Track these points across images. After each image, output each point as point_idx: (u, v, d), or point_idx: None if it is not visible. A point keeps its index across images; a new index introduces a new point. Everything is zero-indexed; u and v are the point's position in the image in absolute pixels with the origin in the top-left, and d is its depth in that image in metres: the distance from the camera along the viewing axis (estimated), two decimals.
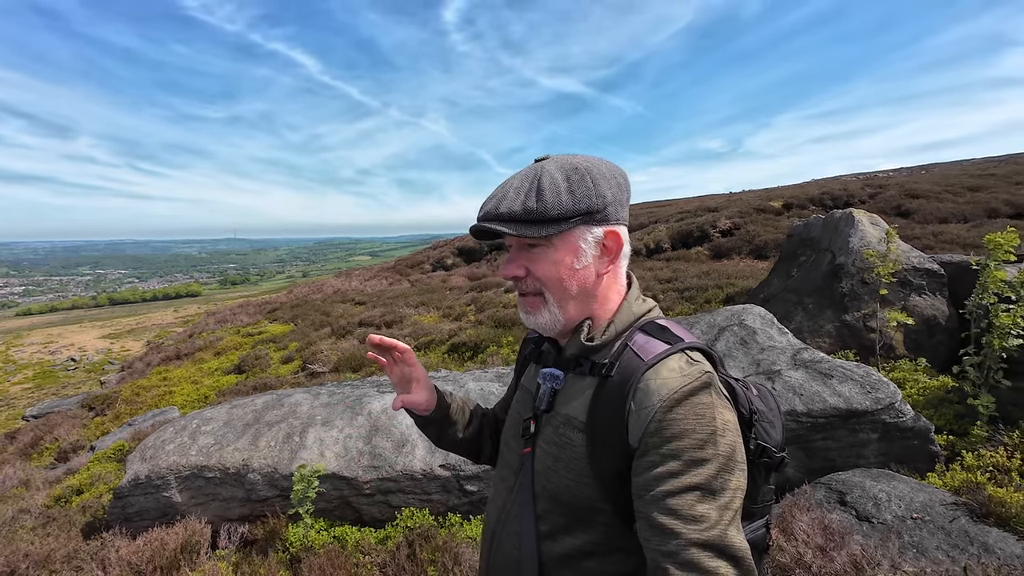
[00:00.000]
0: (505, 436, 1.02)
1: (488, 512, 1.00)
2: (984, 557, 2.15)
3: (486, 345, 7.57)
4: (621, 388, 0.78)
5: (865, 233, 5.62)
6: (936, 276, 5.15)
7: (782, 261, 7.08)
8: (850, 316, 5.22)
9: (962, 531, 2.33)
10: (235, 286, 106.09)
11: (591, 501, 0.80)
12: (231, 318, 16.20)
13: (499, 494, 0.97)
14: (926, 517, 2.46)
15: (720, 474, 0.71)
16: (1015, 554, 2.15)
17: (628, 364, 0.79)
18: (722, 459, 0.72)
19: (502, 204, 0.81)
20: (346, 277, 24.35)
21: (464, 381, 4.25)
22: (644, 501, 0.73)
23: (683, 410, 0.73)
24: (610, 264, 0.85)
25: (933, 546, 2.28)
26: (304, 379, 7.87)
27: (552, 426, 0.87)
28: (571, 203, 0.79)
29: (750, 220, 15.29)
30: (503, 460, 1.00)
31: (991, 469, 2.92)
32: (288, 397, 4.13)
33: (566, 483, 0.82)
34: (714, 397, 0.75)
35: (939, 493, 2.65)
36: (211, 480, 3.44)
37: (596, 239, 0.83)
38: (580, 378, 0.86)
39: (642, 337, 0.83)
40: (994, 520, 2.38)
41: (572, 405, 0.85)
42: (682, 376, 0.75)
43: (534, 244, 0.83)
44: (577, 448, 0.81)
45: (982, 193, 14.39)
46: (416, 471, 3.36)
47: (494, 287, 13.88)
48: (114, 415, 8.39)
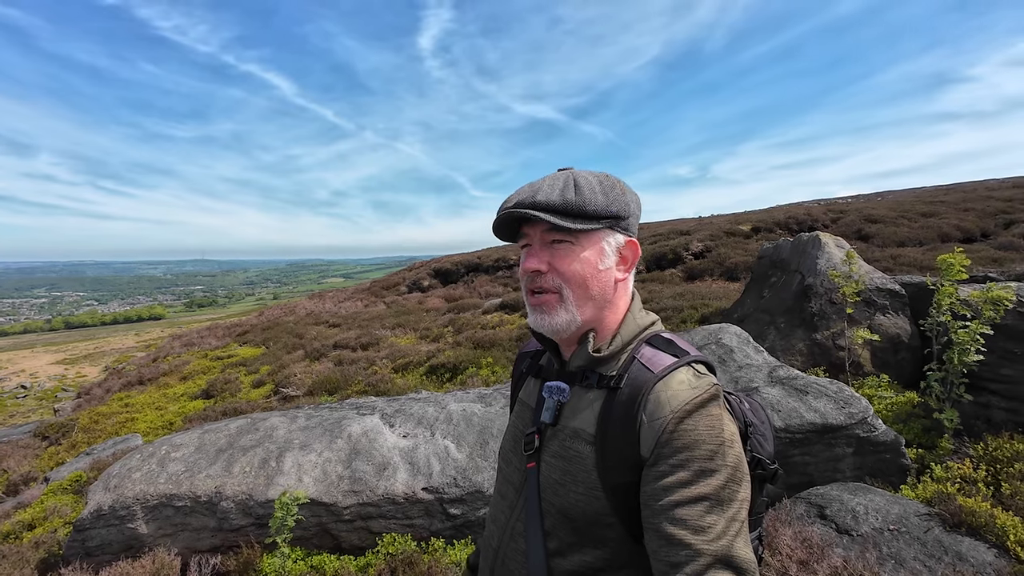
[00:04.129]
0: (504, 452, 1.00)
1: (488, 531, 0.98)
2: (959, 566, 2.22)
3: (465, 366, 7.51)
4: (631, 400, 0.78)
5: (831, 255, 5.86)
6: (898, 296, 5.39)
7: (754, 282, 7.30)
8: (820, 335, 5.40)
9: (937, 541, 2.41)
10: (202, 308, 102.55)
11: (600, 516, 0.80)
12: (198, 341, 15.66)
13: (500, 512, 0.95)
14: (902, 528, 2.53)
15: (728, 484, 0.72)
16: (987, 562, 2.22)
17: (637, 376, 0.80)
18: (730, 470, 0.73)
19: (538, 195, 0.81)
20: (319, 299, 23.90)
21: (446, 402, 4.20)
22: (653, 511, 0.73)
23: (693, 421, 0.74)
24: (626, 272, 0.88)
25: (910, 556, 2.34)
26: (277, 403, 7.63)
27: (558, 440, 0.86)
28: (605, 203, 0.82)
29: (721, 243, 15.75)
30: (503, 476, 0.98)
31: (959, 480, 3.04)
32: (263, 421, 4.00)
33: (575, 498, 0.81)
34: (722, 409, 0.77)
35: (913, 505, 2.73)
36: (181, 509, 3.29)
37: (618, 245, 0.85)
38: (586, 391, 0.86)
39: (649, 350, 0.84)
40: (966, 529, 2.47)
41: (580, 418, 0.84)
42: (692, 388, 0.77)
43: (560, 240, 0.84)
44: (586, 461, 0.81)
45: (934, 219, 15.21)
46: (398, 495, 3.28)
47: (471, 308, 13.84)
48: (70, 444, 7.94)
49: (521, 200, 0.82)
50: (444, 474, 3.38)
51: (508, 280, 20.00)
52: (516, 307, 12.38)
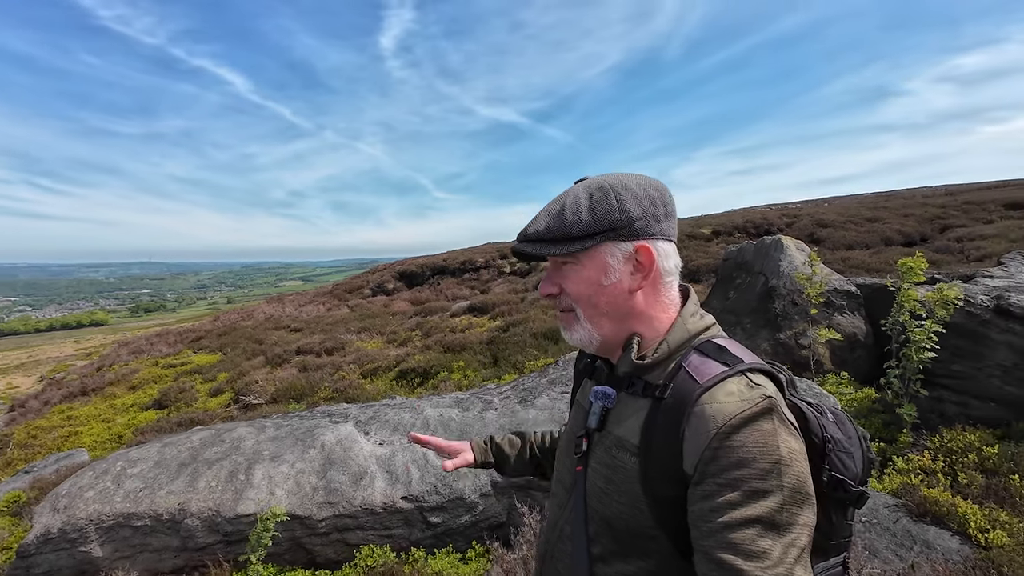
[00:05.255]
0: (559, 452, 1.00)
1: (542, 529, 0.99)
2: (928, 553, 2.33)
3: (436, 370, 7.40)
4: (676, 412, 0.74)
5: (793, 258, 6.11)
6: (854, 297, 5.67)
7: (719, 284, 7.52)
8: (783, 334, 5.61)
9: (905, 531, 2.52)
10: (149, 314, 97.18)
11: (644, 528, 0.77)
12: (148, 348, 14.83)
13: (553, 511, 0.95)
14: (873, 520, 2.64)
15: (785, 507, 0.66)
16: (953, 548, 2.34)
17: (682, 386, 0.76)
18: (788, 492, 0.67)
19: (531, 226, 0.85)
20: (279, 303, 23.11)
21: (422, 408, 4.11)
22: (702, 532, 0.69)
23: (742, 437, 0.68)
24: (643, 280, 0.83)
25: (883, 547, 2.44)
26: (238, 412, 7.29)
27: (604, 446, 0.84)
28: (590, 220, 0.81)
29: (683, 246, 16.20)
30: (557, 476, 0.98)
31: (920, 472, 3.20)
32: (229, 432, 3.80)
33: (618, 508, 0.79)
34: (776, 424, 0.70)
35: (881, 497, 2.86)
36: (140, 529, 3.07)
37: (626, 255, 0.82)
38: (633, 398, 0.83)
39: (698, 358, 0.79)
40: (930, 518, 2.60)
41: (624, 426, 0.82)
42: (741, 401, 0.71)
43: (566, 262, 0.85)
44: (630, 472, 0.78)
45: (878, 223, 16.14)
46: (376, 505, 3.18)
47: (439, 312, 13.68)
48: (5, 461, 7.34)
49: (522, 232, 0.87)
50: (424, 482, 3.30)
51: (475, 283, 19.91)
52: (484, 310, 12.32)
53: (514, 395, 4.27)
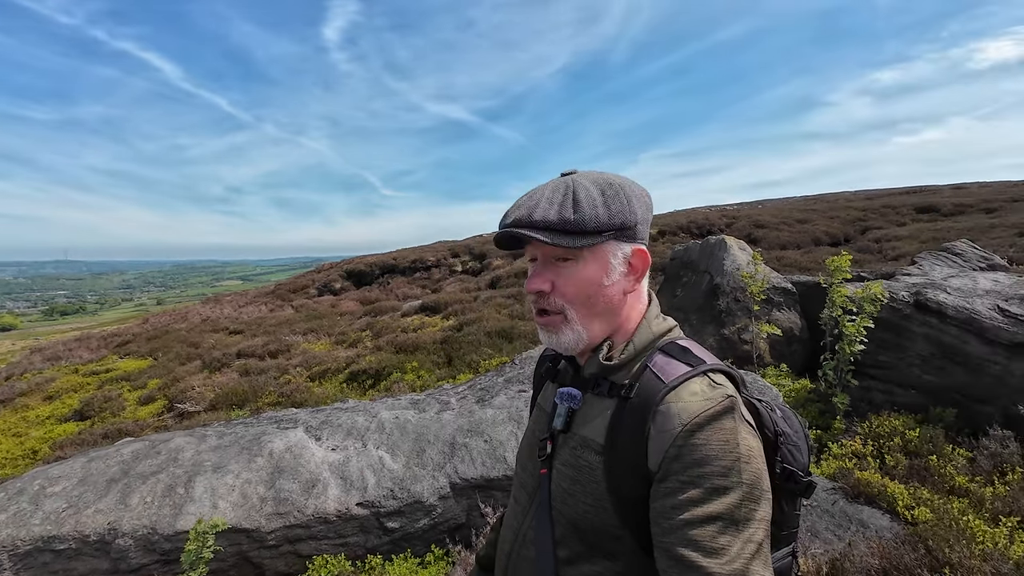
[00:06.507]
0: (520, 456, 0.99)
1: (503, 536, 0.96)
2: (863, 532, 2.50)
3: (389, 371, 7.23)
4: (641, 411, 0.76)
5: (736, 257, 6.41)
6: (790, 294, 6.03)
7: (667, 282, 7.79)
8: (727, 330, 5.88)
9: (842, 512, 2.70)
10: (66, 317, 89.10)
11: (610, 528, 0.77)
12: (66, 354, 13.59)
13: (515, 516, 0.93)
14: (813, 503, 2.80)
15: (744, 504, 0.68)
16: (884, 526, 2.53)
17: (648, 386, 0.77)
18: (746, 488, 0.69)
19: (536, 212, 0.78)
20: (216, 303, 21.84)
21: (376, 411, 3.99)
22: (663, 529, 0.70)
23: (705, 435, 0.70)
24: (635, 283, 0.85)
25: (823, 528, 2.61)
26: (172, 421, 6.82)
27: (569, 447, 0.84)
28: (607, 217, 0.78)
29: None
30: (518, 481, 0.96)
31: (852, 456, 3.44)
32: (166, 443, 3.54)
33: (584, 508, 0.79)
34: (737, 422, 0.73)
35: (820, 481, 3.05)
36: (63, 553, 2.80)
37: (625, 256, 0.82)
38: (599, 399, 0.83)
39: (662, 358, 0.81)
40: (864, 499, 2.80)
41: (590, 426, 0.82)
42: (704, 400, 0.73)
43: (563, 258, 0.80)
44: (595, 471, 0.79)
45: (808, 225, 17.28)
46: (330, 513, 3.05)
47: (389, 311, 13.39)
48: None
49: (519, 218, 0.79)
50: (380, 486, 3.20)
51: (426, 282, 19.65)
52: (437, 309, 12.16)
53: (471, 395, 4.23)
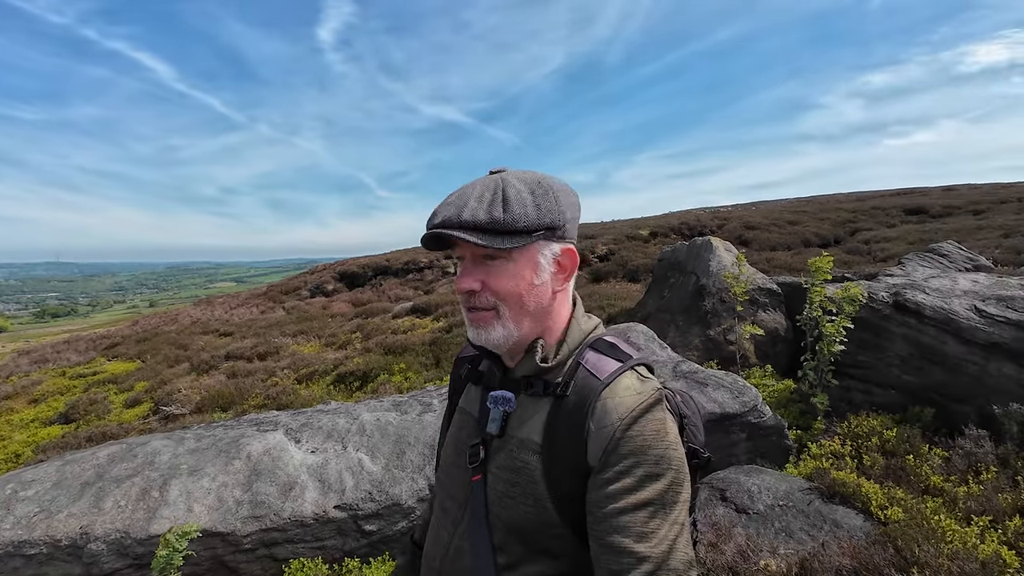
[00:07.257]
0: (444, 464, 0.96)
1: (429, 550, 0.93)
2: (836, 532, 2.52)
3: (376, 373, 7.21)
4: (579, 408, 0.77)
5: (721, 258, 6.44)
6: (775, 295, 6.05)
7: (655, 283, 7.81)
8: (713, 331, 5.90)
9: (817, 512, 2.71)
10: (57, 319, 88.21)
11: (550, 527, 0.78)
12: (54, 357, 13.47)
13: (443, 528, 0.90)
14: (789, 503, 2.81)
15: (672, 487, 0.73)
16: (857, 526, 2.54)
17: (583, 383, 0.79)
18: (674, 472, 0.73)
19: (464, 212, 0.76)
20: (207, 305, 21.71)
21: (358, 413, 3.98)
22: (596, 518, 0.73)
23: (640, 427, 0.74)
24: (564, 282, 0.85)
25: (797, 528, 2.61)
26: (157, 424, 6.77)
27: (506, 451, 0.83)
28: (536, 216, 0.78)
29: (623, 246, 16.71)
30: (444, 491, 0.93)
31: (831, 456, 3.46)
32: (143, 446, 3.51)
33: (524, 509, 0.79)
34: (665, 412, 0.78)
35: (797, 481, 3.06)
36: (34, 558, 2.77)
37: (554, 255, 0.82)
38: (533, 399, 0.83)
39: (593, 355, 0.83)
40: (839, 499, 2.80)
41: (526, 427, 0.82)
42: (637, 394, 0.77)
43: (492, 257, 0.80)
44: (534, 471, 0.79)
45: (799, 226, 17.38)
46: (307, 516, 3.04)
47: (381, 313, 13.35)
48: None
49: (447, 218, 0.77)
50: (358, 489, 3.19)
51: (418, 283, 19.60)
52: (428, 311, 12.14)
53: None
